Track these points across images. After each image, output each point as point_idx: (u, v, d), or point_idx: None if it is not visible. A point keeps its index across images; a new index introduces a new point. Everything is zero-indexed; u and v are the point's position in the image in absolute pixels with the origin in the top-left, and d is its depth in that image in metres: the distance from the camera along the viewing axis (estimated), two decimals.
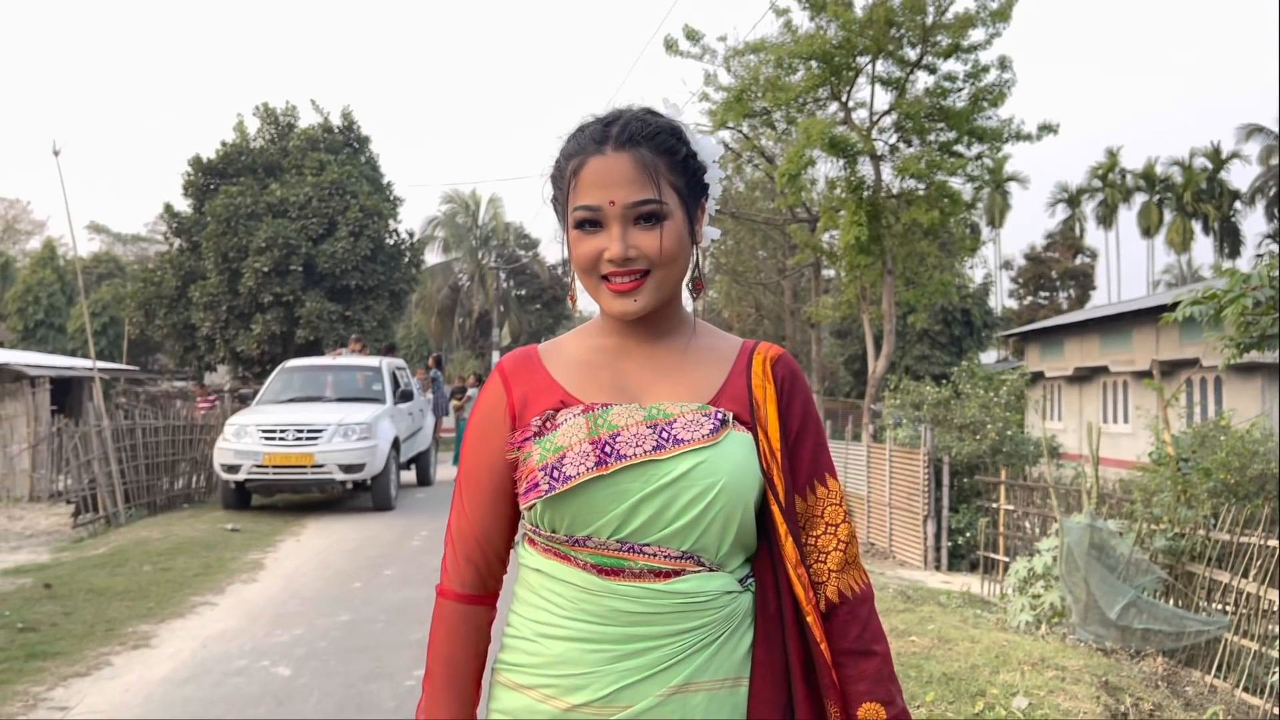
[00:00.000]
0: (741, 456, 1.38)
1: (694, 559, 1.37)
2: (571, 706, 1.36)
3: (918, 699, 5.00)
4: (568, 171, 1.42)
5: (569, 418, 1.39)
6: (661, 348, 1.48)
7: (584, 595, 1.37)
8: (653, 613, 1.35)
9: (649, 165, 1.39)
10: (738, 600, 1.40)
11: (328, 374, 13.82)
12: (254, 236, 21.40)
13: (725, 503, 1.36)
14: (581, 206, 1.39)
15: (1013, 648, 5.94)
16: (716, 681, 1.37)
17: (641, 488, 1.35)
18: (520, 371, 1.48)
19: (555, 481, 1.35)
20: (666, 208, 1.39)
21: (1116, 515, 8.54)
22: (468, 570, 1.48)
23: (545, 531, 1.40)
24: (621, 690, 1.34)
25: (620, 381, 1.45)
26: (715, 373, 1.46)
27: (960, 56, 16.85)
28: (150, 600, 7.40)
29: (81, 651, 5.94)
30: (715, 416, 1.39)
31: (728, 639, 1.38)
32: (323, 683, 5.33)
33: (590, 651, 1.36)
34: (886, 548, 14.40)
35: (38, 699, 5.04)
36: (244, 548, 9.79)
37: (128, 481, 12.67)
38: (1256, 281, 6.34)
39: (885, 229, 16.96)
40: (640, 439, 1.36)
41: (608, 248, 1.38)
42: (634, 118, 1.43)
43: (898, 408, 15.99)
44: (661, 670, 1.35)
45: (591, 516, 1.36)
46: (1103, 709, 5.00)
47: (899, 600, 7.89)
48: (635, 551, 1.36)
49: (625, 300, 1.40)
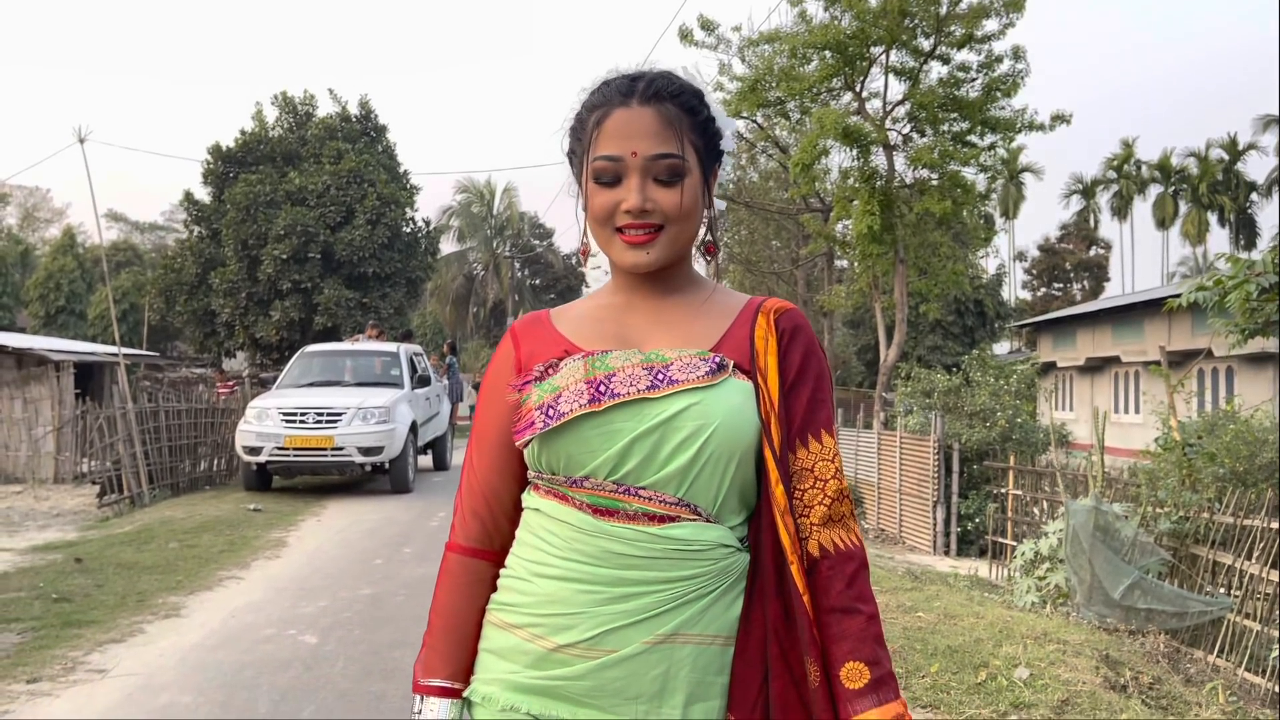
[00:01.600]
0: (738, 403, 1.37)
1: (690, 507, 1.36)
2: (557, 646, 1.36)
3: (923, 670, 5.17)
4: (590, 122, 1.43)
5: (570, 362, 1.42)
6: (668, 303, 1.48)
7: (578, 535, 1.37)
8: (645, 556, 1.34)
9: (673, 121, 1.41)
10: (734, 557, 1.38)
11: (347, 359, 14.05)
12: (273, 224, 21.65)
13: (717, 446, 1.35)
14: (603, 156, 1.40)
15: (1016, 623, 6.10)
16: (707, 637, 1.35)
17: (634, 426, 1.35)
18: (530, 330, 1.52)
19: (549, 419, 1.37)
20: (686, 164, 1.41)
21: (1123, 499, 8.67)
22: (474, 524, 1.50)
23: (545, 474, 1.42)
24: (608, 633, 1.34)
25: (623, 332, 1.47)
26: (719, 324, 1.46)
27: (974, 47, 16.93)
28: (178, 574, 7.63)
29: (115, 620, 6.17)
30: (713, 360, 1.39)
31: (721, 595, 1.36)
32: (348, 650, 5.54)
33: (581, 592, 1.35)
34: (896, 533, 14.55)
35: (76, 662, 5.26)
36: (266, 527, 10.03)
37: (151, 463, 12.93)
38: (1260, 268, 6.46)
39: (898, 219, 17.06)
40: (635, 379, 1.37)
41: (625, 199, 1.39)
42: (660, 75, 1.44)
43: (908, 396, 16.12)
44: (650, 617, 1.34)
45: (586, 455, 1.37)
46: (1102, 680, 5.16)
47: (906, 580, 8.06)
48: (631, 494, 1.36)
49: (638, 252, 1.41)
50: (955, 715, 4.57)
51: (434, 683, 1.45)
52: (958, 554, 13.25)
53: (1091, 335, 25.75)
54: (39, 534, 10.73)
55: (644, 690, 1.33)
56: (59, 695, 4.71)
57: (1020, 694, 4.78)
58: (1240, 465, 9.39)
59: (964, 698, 4.78)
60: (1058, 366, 27.34)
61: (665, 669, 1.33)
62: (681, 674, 1.34)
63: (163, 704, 4.58)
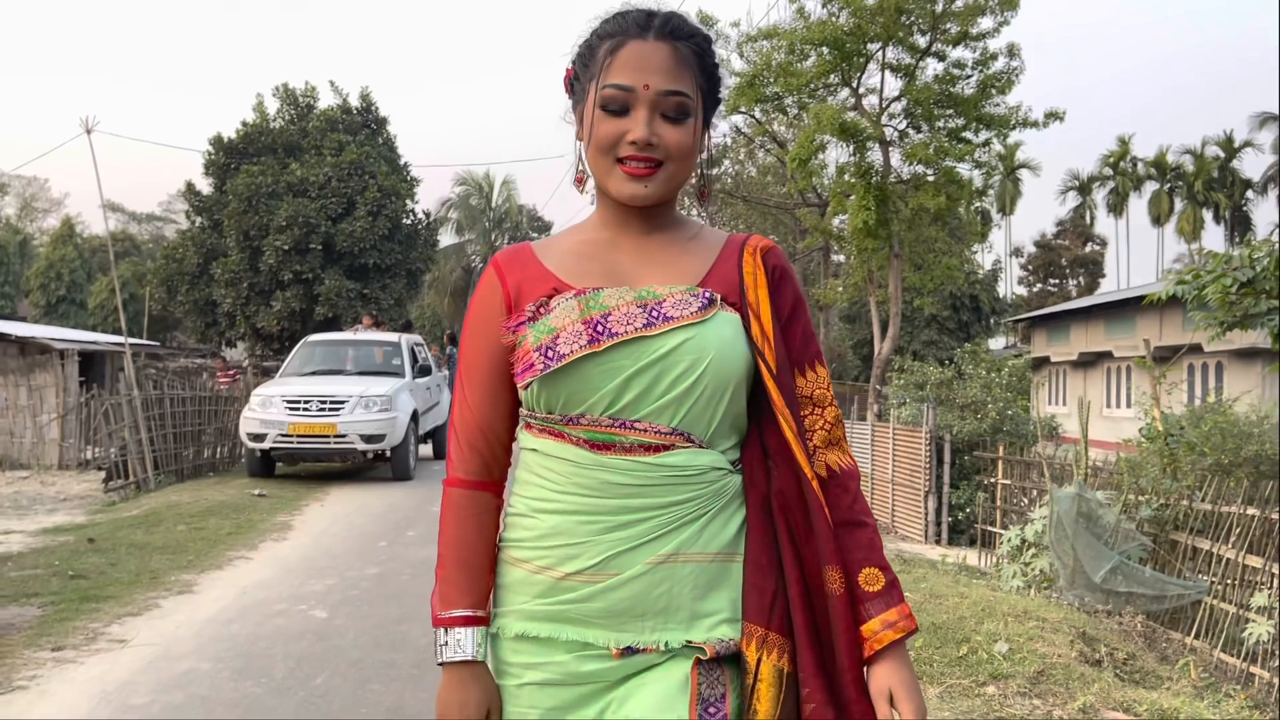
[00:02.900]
0: (729, 334, 1.43)
1: (683, 435, 1.41)
2: (565, 575, 1.41)
3: (908, 646, 5.41)
4: (602, 51, 1.44)
5: (562, 301, 1.44)
6: (654, 240, 1.52)
7: (577, 470, 1.41)
8: (643, 484, 1.40)
9: (686, 60, 1.44)
10: (727, 479, 1.44)
11: (349, 348, 14.28)
12: (274, 215, 21.85)
13: (712, 377, 1.41)
14: (614, 85, 1.42)
15: (998, 602, 6.34)
16: (706, 555, 1.41)
17: (633, 364, 1.40)
18: (514, 263, 1.51)
19: (550, 360, 1.40)
20: (693, 104, 1.44)
21: (1106, 488, 8.92)
22: (472, 458, 1.51)
23: (541, 413, 1.45)
24: (612, 558, 1.39)
25: (611, 269, 1.49)
26: (703, 260, 1.51)
27: (969, 44, 17.14)
28: (189, 554, 7.86)
29: (131, 595, 6.40)
30: (703, 296, 1.44)
31: (717, 515, 1.42)
32: (357, 624, 5.77)
33: (583, 523, 1.41)
34: (889, 523, 14.80)
35: (97, 633, 5.49)
36: (272, 511, 10.25)
37: (156, 449, 13.14)
38: (1237, 262, 6.70)
39: (893, 214, 17.28)
40: (631, 317, 1.41)
41: (631, 130, 1.41)
42: (675, 14, 1.47)
43: (902, 388, 16.37)
44: (651, 540, 1.39)
45: (585, 393, 1.41)
46: (1077, 655, 5.40)
47: (895, 563, 8.29)
48: (626, 427, 1.40)
49: (637, 185, 1.44)
50: (936, 685, 4.81)
51: (456, 613, 1.46)
52: (949, 543, 13.50)
53: (1085, 330, 26.00)
54: (48, 517, 10.95)
55: (649, 608, 1.40)
56: (83, 663, 4.94)
57: (999, 666, 5.02)
58: (1226, 458, 9.65)
59: (945, 670, 5.02)
60: (1051, 361, 27.60)
61: (669, 587, 1.40)
62: (685, 591, 1.40)
63: (183, 670, 4.81)
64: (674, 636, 1.40)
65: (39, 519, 10.77)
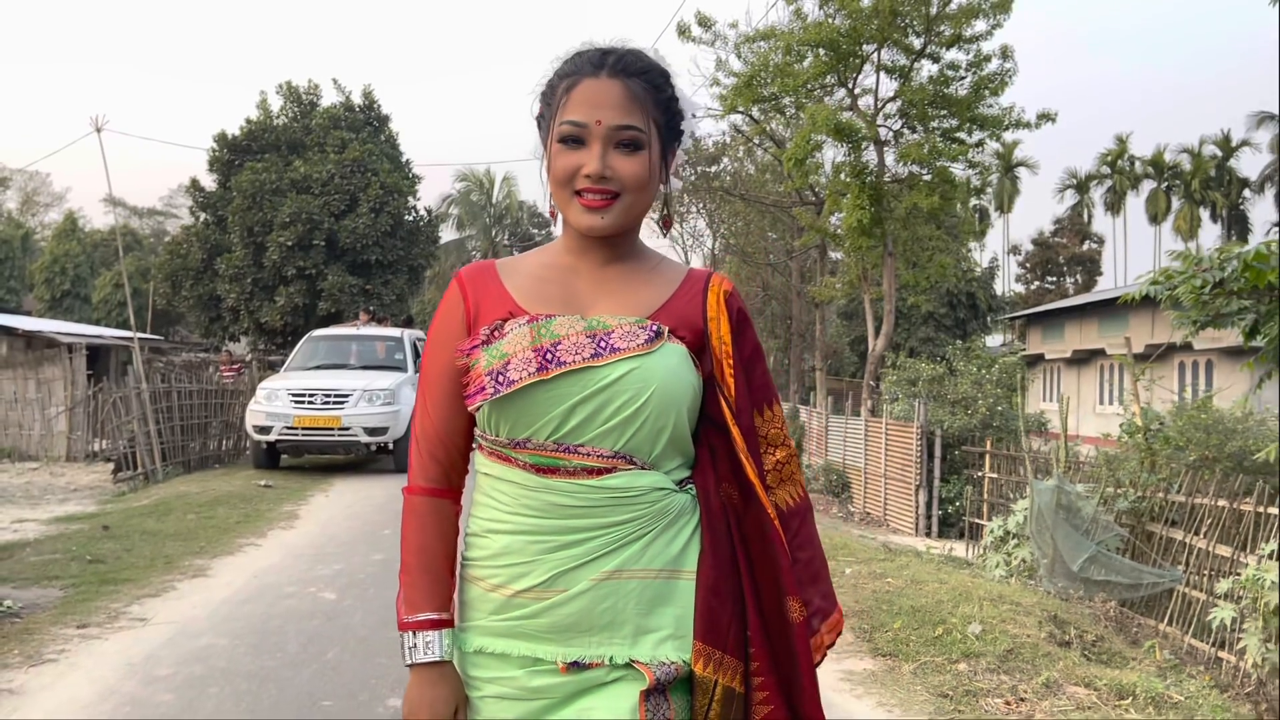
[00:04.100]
0: (674, 365, 1.49)
1: (626, 458, 1.47)
2: (516, 593, 1.48)
3: (887, 626, 5.70)
4: (560, 89, 1.52)
5: (515, 327, 1.49)
6: (612, 270, 1.57)
7: (524, 492, 1.48)
8: (586, 506, 1.46)
9: (638, 96, 1.50)
10: (669, 498, 1.50)
11: (352, 343, 14.59)
12: (278, 211, 22.14)
13: (656, 405, 1.47)
14: (569, 121, 1.49)
15: (975, 587, 6.64)
16: (650, 571, 1.47)
17: (579, 391, 1.46)
18: (477, 281, 1.58)
19: (500, 385, 1.45)
20: (646, 137, 1.50)
21: (1087, 480, 9.22)
22: (432, 466, 1.58)
23: (490, 435, 1.51)
24: (558, 576, 1.46)
25: (567, 296, 1.55)
26: (660, 292, 1.57)
27: (963, 46, 17.43)
28: (200, 541, 8.16)
29: (148, 578, 6.70)
30: (650, 329, 1.50)
31: (661, 533, 1.48)
32: (364, 605, 6.07)
33: (531, 543, 1.47)
34: (880, 516, 15.11)
35: (118, 612, 5.79)
36: (278, 501, 10.55)
37: (164, 441, 13.45)
38: (1207, 264, 6.98)
39: (887, 213, 17.58)
40: (580, 347, 1.47)
41: (586, 164, 1.48)
42: (630, 52, 1.53)
43: (895, 384, 16.66)
44: (595, 559, 1.45)
45: (532, 419, 1.47)
46: (1047, 636, 5.70)
47: (880, 551, 8.59)
48: (570, 451, 1.47)
49: (593, 216, 1.50)
50: (911, 662, 5.11)
51: (423, 616, 1.53)
52: (939, 536, 13.78)
53: (1079, 328, 26.31)
54: (60, 507, 11.27)
55: (595, 623, 1.46)
56: (107, 639, 5.24)
57: (971, 645, 5.32)
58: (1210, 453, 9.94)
59: (921, 649, 5.32)
60: (1046, 358, 27.91)
61: (613, 603, 1.46)
62: (629, 606, 1.47)
63: (202, 646, 5.12)
64: (619, 651, 1.46)
65: (51, 508, 11.08)
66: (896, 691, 4.70)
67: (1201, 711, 4.86)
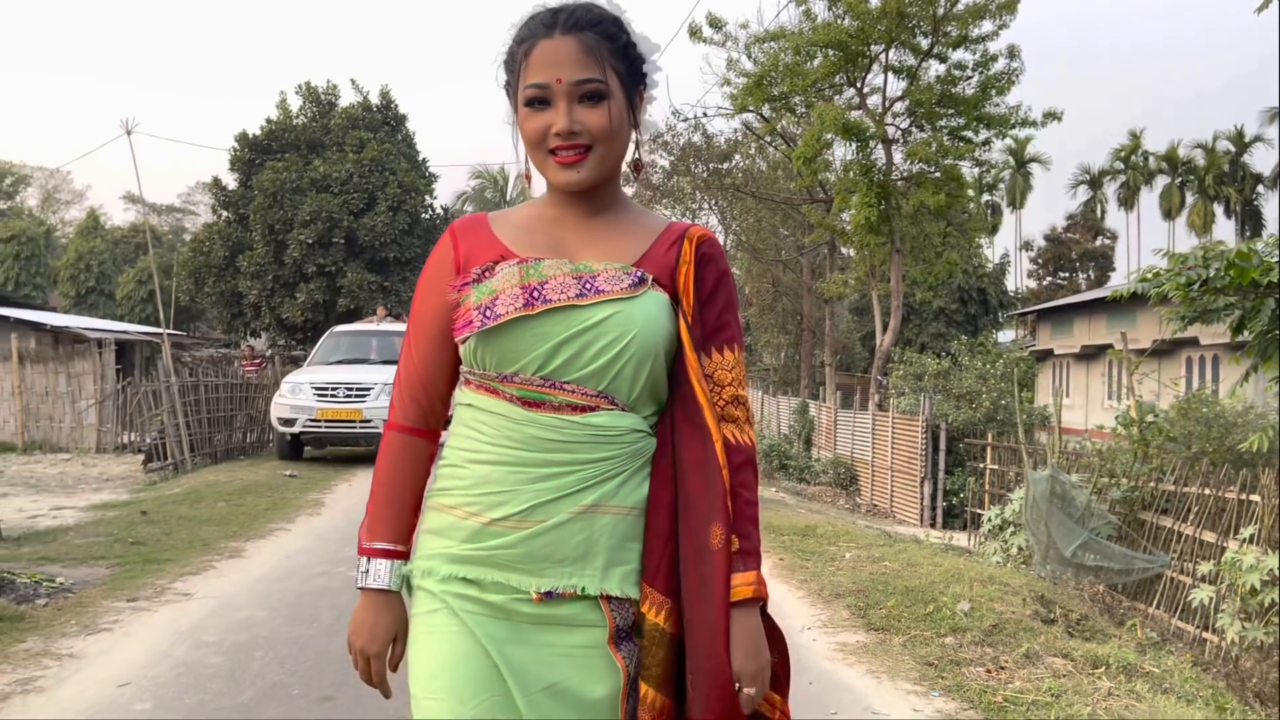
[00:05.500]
0: (655, 312, 1.54)
1: (608, 398, 1.53)
2: (492, 521, 1.51)
3: (881, 605, 6.06)
4: (519, 54, 1.55)
5: (505, 268, 1.55)
6: (597, 220, 1.62)
7: (508, 424, 1.52)
8: (569, 441, 1.51)
9: (593, 48, 1.52)
10: (644, 440, 1.56)
11: (372, 338, 15.03)
12: (299, 210, 22.63)
13: (636, 350, 1.52)
14: (531, 85, 1.52)
15: (967, 569, 7.00)
16: (623, 509, 1.53)
17: (563, 330, 1.51)
18: (469, 232, 1.63)
19: (487, 319, 1.51)
20: (608, 87, 1.53)
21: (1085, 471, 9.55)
22: (412, 406, 1.63)
23: (478, 370, 1.55)
24: (537, 507, 1.50)
25: (555, 243, 1.60)
26: (640, 242, 1.61)
27: (969, 46, 17.72)
28: (233, 526, 8.59)
29: (188, 558, 7.12)
30: (635, 275, 1.55)
31: (635, 473, 1.55)
32: None
33: (511, 473, 1.51)
34: (887, 508, 15.45)
35: (164, 588, 6.21)
36: (303, 490, 10.98)
37: (192, 433, 13.91)
38: (1192, 262, 7.32)
39: (895, 210, 17.89)
40: (565, 287, 1.52)
41: (554, 123, 1.52)
42: (580, 6, 1.55)
43: (902, 379, 16.99)
44: (574, 492, 1.50)
45: (518, 354, 1.52)
46: (1032, 613, 6.05)
47: (880, 538, 8.95)
48: (556, 388, 1.52)
49: (569, 171, 1.54)
50: (901, 635, 5.48)
51: (379, 545, 1.59)
52: (943, 527, 14.13)
53: (1088, 324, 26.52)
54: (95, 495, 11.72)
55: (569, 554, 1.51)
56: (156, 611, 5.66)
57: (959, 621, 5.68)
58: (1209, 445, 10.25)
59: (912, 624, 5.68)
60: (1055, 354, 28.13)
61: (587, 535, 1.51)
62: (602, 540, 1.52)
63: (244, 617, 5.54)
64: (590, 583, 1.51)
65: (87, 496, 11.54)
66: (885, 661, 5.06)
67: (1173, 682, 5.21)
